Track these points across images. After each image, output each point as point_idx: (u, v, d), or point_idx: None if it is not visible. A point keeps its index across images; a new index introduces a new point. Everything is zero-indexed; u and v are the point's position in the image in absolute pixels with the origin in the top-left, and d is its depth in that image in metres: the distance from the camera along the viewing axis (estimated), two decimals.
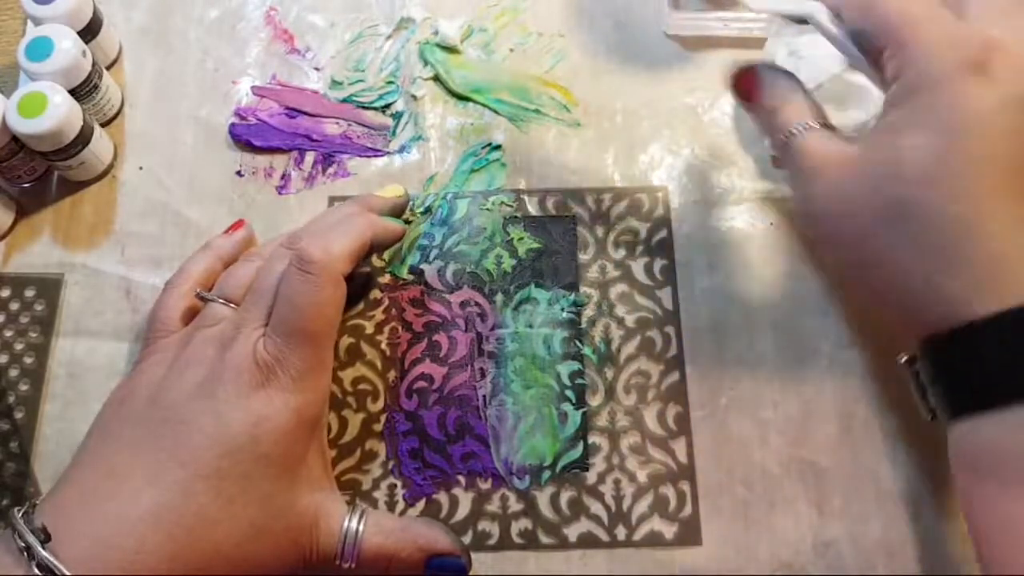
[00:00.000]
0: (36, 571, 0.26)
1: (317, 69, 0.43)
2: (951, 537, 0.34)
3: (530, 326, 0.37)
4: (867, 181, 0.27)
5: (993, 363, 0.25)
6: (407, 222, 0.39)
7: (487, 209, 0.40)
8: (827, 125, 0.31)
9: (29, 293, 0.38)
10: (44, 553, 0.26)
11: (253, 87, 0.42)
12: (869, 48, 0.29)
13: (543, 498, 0.35)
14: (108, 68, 0.42)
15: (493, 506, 0.35)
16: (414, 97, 0.42)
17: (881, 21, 0.28)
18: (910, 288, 0.27)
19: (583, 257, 0.39)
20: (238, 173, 0.41)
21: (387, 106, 0.42)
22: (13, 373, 0.37)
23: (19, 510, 0.27)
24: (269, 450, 0.29)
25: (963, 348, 0.26)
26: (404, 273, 0.38)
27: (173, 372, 0.31)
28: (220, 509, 0.28)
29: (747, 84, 0.33)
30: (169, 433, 0.29)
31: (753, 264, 0.38)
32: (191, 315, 0.34)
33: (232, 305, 0.33)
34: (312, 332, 0.31)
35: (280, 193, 0.40)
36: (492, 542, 0.34)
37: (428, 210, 0.40)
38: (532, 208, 0.40)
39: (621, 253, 0.39)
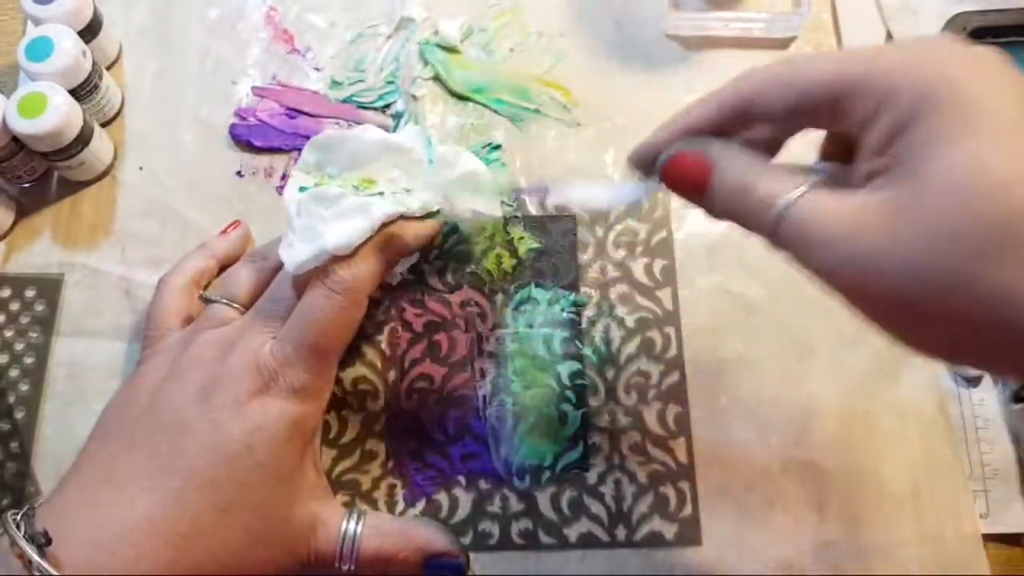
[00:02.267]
0: (36, 573, 0.26)
1: (317, 69, 0.43)
2: (951, 537, 0.34)
3: (530, 326, 0.37)
4: (932, 222, 0.21)
5: None
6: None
7: None
8: (817, 182, 0.24)
9: (29, 293, 0.38)
10: (39, 560, 0.26)
11: (253, 87, 0.42)
12: (808, 116, 0.24)
13: (543, 498, 0.35)
14: (108, 68, 0.42)
15: (493, 506, 0.35)
16: (414, 97, 0.42)
17: (826, 79, 0.23)
18: None
19: (583, 257, 0.39)
20: (238, 173, 0.41)
21: (387, 106, 0.42)
22: (13, 373, 0.37)
23: (14, 514, 0.27)
24: (264, 459, 0.29)
25: None
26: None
27: (173, 376, 0.31)
28: (215, 518, 0.28)
29: (693, 174, 0.25)
30: (166, 440, 0.29)
31: (753, 264, 0.38)
32: (188, 313, 0.34)
33: (235, 306, 0.33)
34: (324, 349, 0.31)
35: (280, 193, 0.40)
36: (492, 542, 0.34)
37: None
38: (532, 208, 0.40)
39: (621, 253, 0.39)
